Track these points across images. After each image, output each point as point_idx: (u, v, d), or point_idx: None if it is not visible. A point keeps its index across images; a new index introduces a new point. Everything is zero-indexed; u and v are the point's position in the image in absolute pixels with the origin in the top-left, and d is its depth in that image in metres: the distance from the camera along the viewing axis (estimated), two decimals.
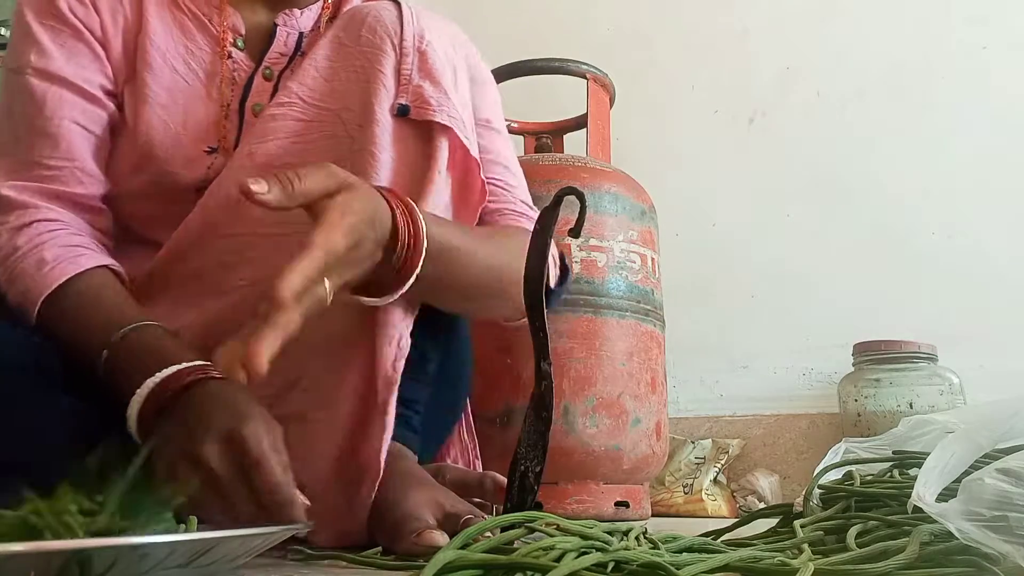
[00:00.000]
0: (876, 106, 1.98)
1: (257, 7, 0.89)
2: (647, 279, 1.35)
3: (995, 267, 1.85)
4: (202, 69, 0.85)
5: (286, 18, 0.89)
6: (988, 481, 0.50)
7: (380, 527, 0.73)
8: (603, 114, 1.54)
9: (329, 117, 0.79)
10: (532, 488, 0.67)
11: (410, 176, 0.77)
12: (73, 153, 0.81)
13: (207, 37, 0.86)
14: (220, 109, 0.85)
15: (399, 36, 0.78)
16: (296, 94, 0.79)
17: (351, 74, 0.79)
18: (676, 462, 1.79)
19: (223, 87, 0.85)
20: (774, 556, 0.55)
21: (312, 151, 0.78)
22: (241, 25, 0.87)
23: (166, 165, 0.83)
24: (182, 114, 0.84)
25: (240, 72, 0.86)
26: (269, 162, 0.78)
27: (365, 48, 0.78)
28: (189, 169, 0.83)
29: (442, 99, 0.78)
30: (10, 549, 0.37)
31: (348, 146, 0.77)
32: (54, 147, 0.80)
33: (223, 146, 0.84)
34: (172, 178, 0.83)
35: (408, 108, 0.77)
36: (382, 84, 0.77)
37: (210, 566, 0.47)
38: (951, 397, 1.66)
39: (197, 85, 0.85)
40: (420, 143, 0.78)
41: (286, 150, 0.79)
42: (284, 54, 0.88)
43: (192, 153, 0.83)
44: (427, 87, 0.78)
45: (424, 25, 0.80)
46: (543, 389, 0.67)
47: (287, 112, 0.79)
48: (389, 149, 0.76)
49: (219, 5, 0.87)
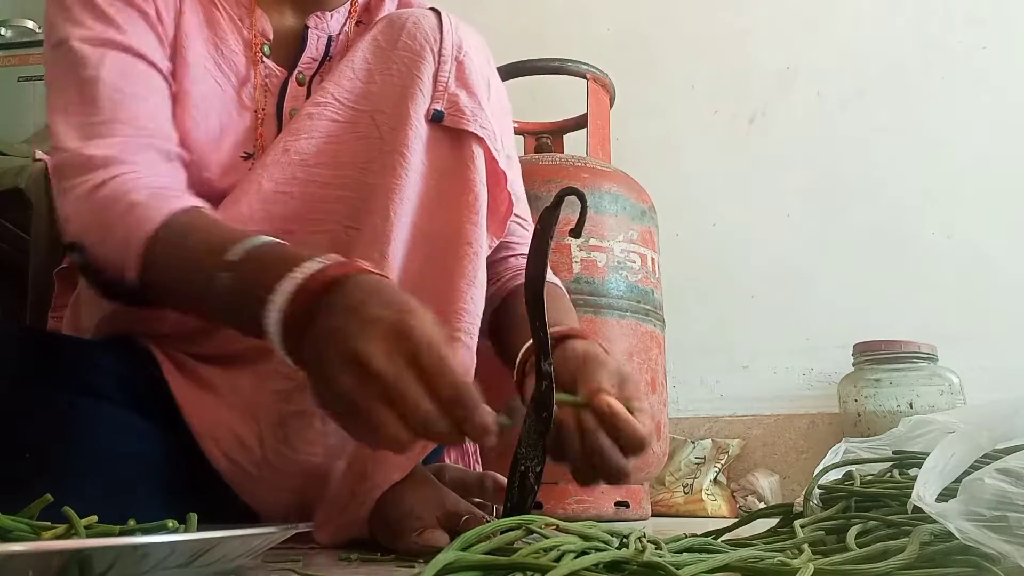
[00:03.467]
0: (876, 106, 1.98)
1: (285, 10, 0.89)
2: (647, 279, 1.35)
3: (995, 267, 1.85)
4: (234, 74, 0.85)
5: (317, 21, 0.89)
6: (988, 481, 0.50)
7: (381, 525, 0.73)
8: (603, 114, 1.54)
9: (363, 119, 0.79)
10: (532, 488, 0.67)
11: (439, 181, 0.77)
12: (158, 118, 0.78)
13: (240, 40, 0.86)
14: (255, 115, 0.85)
15: (439, 43, 0.79)
16: (332, 94, 0.79)
17: (388, 77, 0.79)
18: (676, 462, 1.79)
19: (256, 93, 0.85)
20: (774, 556, 0.55)
21: (344, 151, 0.79)
22: (269, 30, 0.87)
23: (203, 172, 0.82)
24: (217, 120, 0.83)
25: (272, 79, 0.86)
26: (302, 160, 0.79)
27: (403, 53, 0.79)
28: (225, 175, 0.82)
29: (476, 110, 0.79)
30: (10, 549, 0.37)
31: (379, 147, 0.78)
32: (140, 107, 0.77)
33: (259, 153, 0.84)
34: (207, 184, 0.82)
35: (443, 114, 0.78)
36: (419, 89, 0.77)
37: (210, 566, 0.47)
38: (951, 397, 1.66)
39: (230, 91, 0.84)
40: (452, 151, 0.78)
41: (320, 149, 0.79)
42: (315, 59, 0.89)
43: (228, 160, 0.83)
44: (463, 96, 0.78)
45: (462, 35, 0.81)
46: (543, 389, 0.67)
47: (323, 112, 0.79)
48: (421, 153, 0.77)
49: (250, 6, 0.86)
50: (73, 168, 0.74)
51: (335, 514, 0.73)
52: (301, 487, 0.74)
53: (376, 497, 0.72)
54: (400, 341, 0.52)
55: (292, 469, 0.74)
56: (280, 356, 0.59)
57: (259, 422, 0.74)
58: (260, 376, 0.75)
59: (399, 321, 0.53)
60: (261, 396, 0.74)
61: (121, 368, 0.76)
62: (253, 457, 0.73)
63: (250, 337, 0.62)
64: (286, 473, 0.74)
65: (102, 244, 0.72)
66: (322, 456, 0.74)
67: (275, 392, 0.74)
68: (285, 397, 0.74)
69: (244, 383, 0.75)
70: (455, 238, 0.76)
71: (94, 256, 0.72)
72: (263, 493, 0.75)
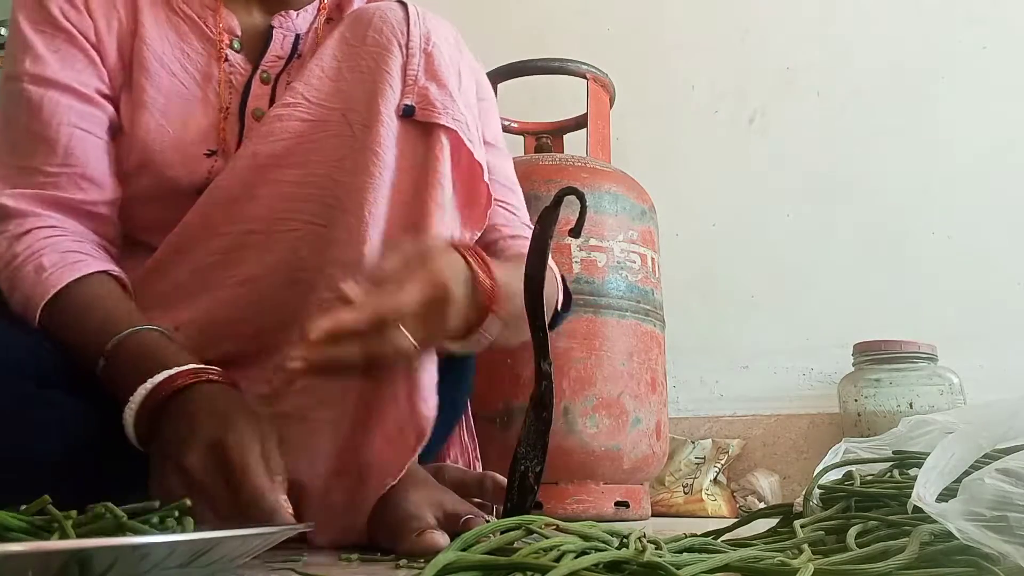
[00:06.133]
0: (876, 106, 1.98)
1: (252, 8, 0.89)
2: (647, 279, 1.35)
3: (995, 267, 1.85)
4: (198, 72, 0.85)
5: (282, 20, 0.89)
6: (988, 481, 0.50)
7: (381, 527, 0.73)
8: (603, 114, 1.54)
9: (334, 117, 0.79)
10: (532, 488, 0.67)
11: (413, 177, 0.77)
12: (72, 159, 0.80)
13: (202, 40, 0.86)
14: (219, 112, 0.85)
15: (405, 36, 0.78)
16: (301, 94, 0.79)
17: (357, 74, 0.79)
18: (676, 462, 1.79)
19: (221, 90, 0.85)
20: (774, 556, 0.55)
21: (316, 151, 0.79)
22: (237, 27, 0.87)
23: (166, 169, 0.83)
24: (181, 118, 0.83)
25: (237, 75, 0.86)
26: (273, 163, 0.79)
27: (371, 48, 0.79)
28: (189, 172, 0.83)
29: (447, 101, 0.78)
30: (10, 549, 0.37)
31: (351, 145, 0.77)
32: (51, 153, 0.80)
33: (223, 149, 0.84)
34: (172, 182, 0.83)
35: (413, 108, 0.77)
36: (388, 84, 0.77)
37: (210, 566, 0.47)
38: (951, 397, 1.66)
39: (194, 88, 0.85)
40: (424, 145, 0.78)
41: (290, 151, 0.79)
42: (281, 57, 0.88)
43: (192, 157, 0.83)
44: (433, 89, 0.78)
45: (430, 26, 0.80)
46: (543, 389, 0.67)
47: (292, 113, 0.79)
48: (393, 149, 0.76)
49: (214, 7, 0.87)
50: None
51: (333, 521, 0.73)
52: None
53: (372, 503, 0.72)
54: (215, 453, 0.61)
55: None
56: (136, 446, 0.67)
57: None
58: (244, 380, 0.74)
59: (218, 437, 0.61)
60: None
61: None
62: None
63: None
64: None
65: (11, 294, 0.77)
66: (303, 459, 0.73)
67: (258, 396, 0.74)
68: (268, 401, 0.74)
69: None
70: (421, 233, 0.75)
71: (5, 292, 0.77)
72: None
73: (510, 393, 1.21)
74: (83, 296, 0.76)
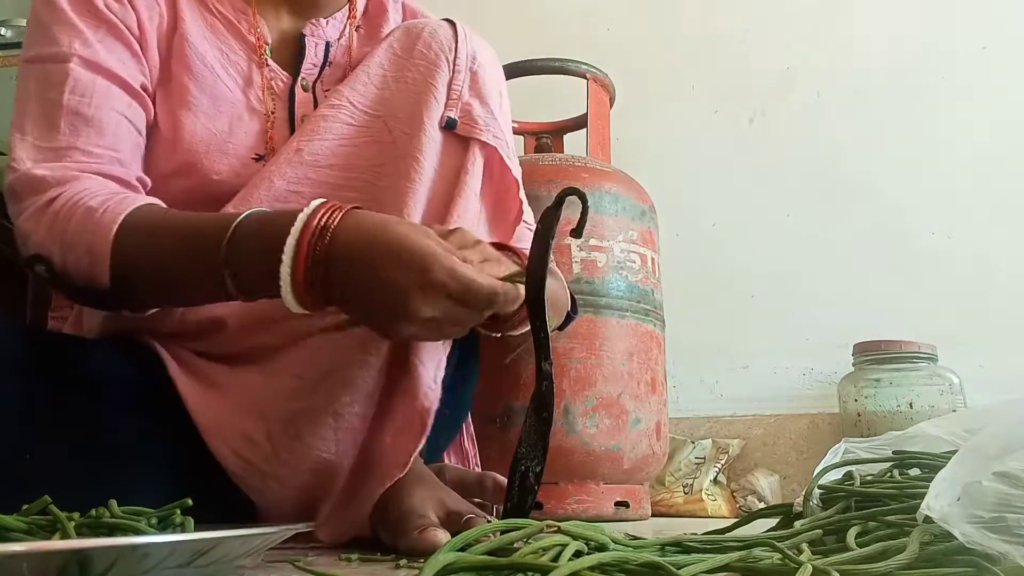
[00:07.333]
0: (876, 106, 1.98)
1: (282, 15, 0.90)
2: (647, 279, 1.35)
3: (995, 267, 1.85)
4: (240, 75, 0.85)
5: (313, 28, 0.90)
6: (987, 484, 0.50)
7: (383, 523, 0.73)
8: (603, 114, 1.54)
9: (377, 123, 0.81)
10: (532, 488, 0.67)
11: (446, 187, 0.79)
12: (119, 145, 0.78)
13: (242, 43, 0.86)
14: (265, 117, 0.85)
15: (453, 53, 0.82)
16: (347, 98, 0.81)
17: (402, 84, 0.81)
18: (676, 462, 1.79)
19: (264, 96, 0.86)
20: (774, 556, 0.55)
21: (356, 155, 0.80)
22: (267, 34, 0.88)
23: (212, 174, 0.82)
24: (227, 123, 0.83)
25: (278, 81, 0.87)
26: (315, 160, 0.80)
27: (419, 61, 0.82)
28: (236, 176, 0.82)
29: (489, 119, 0.82)
30: (10, 549, 0.37)
31: (392, 152, 0.79)
32: (99, 135, 0.77)
33: (271, 155, 0.83)
34: (216, 186, 0.82)
35: (456, 122, 0.80)
36: (433, 97, 0.80)
37: (210, 566, 0.47)
38: (951, 397, 1.66)
39: (237, 92, 0.85)
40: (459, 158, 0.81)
41: (333, 151, 0.80)
42: (315, 65, 0.89)
43: (240, 162, 0.83)
44: (476, 106, 0.81)
45: (476, 47, 0.84)
46: (543, 389, 0.67)
47: (337, 115, 0.81)
48: (433, 159, 0.79)
49: (246, 10, 0.87)
50: (25, 188, 0.74)
51: (337, 512, 0.74)
52: (310, 484, 0.74)
53: (378, 495, 0.72)
54: (434, 292, 0.62)
55: (303, 465, 0.74)
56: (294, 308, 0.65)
57: (267, 420, 0.74)
58: (267, 374, 0.75)
59: (424, 280, 0.61)
60: (269, 394, 0.74)
61: (123, 367, 0.76)
62: (263, 452, 0.73)
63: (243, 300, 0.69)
64: (297, 468, 0.74)
65: (66, 253, 0.72)
66: (334, 452, 0.74)
67: (283, 390, 0.74)
68: (294, 395, 0.74)
69: (251, 381, 0.75)
70: None
71: (61, 266, 0.73)
72: (271, 489, 0.75)
73: (510, 393, 1.21)
74: (154, 216, 0.73)
